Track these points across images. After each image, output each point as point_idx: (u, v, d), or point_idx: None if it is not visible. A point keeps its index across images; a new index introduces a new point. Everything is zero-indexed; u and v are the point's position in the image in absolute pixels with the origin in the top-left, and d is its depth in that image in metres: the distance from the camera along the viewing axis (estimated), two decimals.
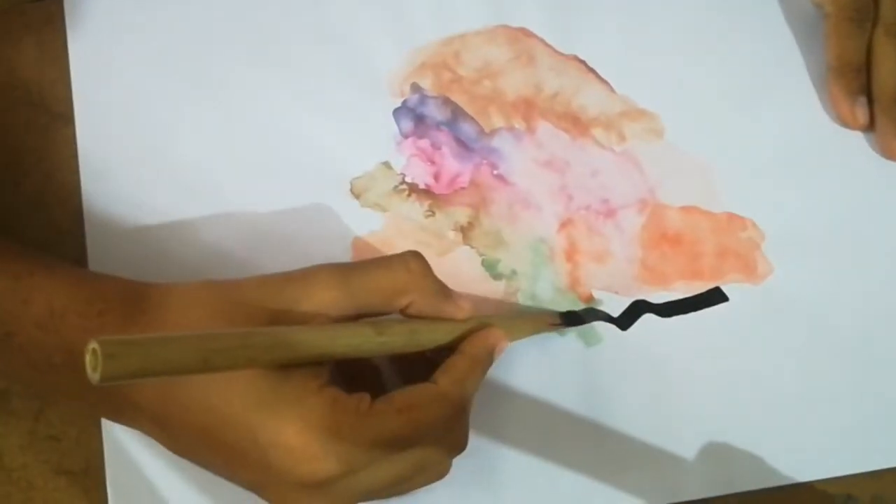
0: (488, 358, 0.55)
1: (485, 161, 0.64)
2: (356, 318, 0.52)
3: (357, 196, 0.63)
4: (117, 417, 0.54)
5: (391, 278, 0.52)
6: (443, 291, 0.54)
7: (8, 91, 0.64)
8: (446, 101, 0.65)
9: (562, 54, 0.67)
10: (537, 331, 0.60)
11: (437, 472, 0.53)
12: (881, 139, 0.66)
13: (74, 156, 0.62)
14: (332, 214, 0.62)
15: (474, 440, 0.58)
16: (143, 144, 0.63)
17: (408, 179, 0.64)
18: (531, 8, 0.68)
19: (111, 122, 0.63)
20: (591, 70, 0.67)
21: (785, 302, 0.63)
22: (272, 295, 0.50)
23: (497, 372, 0.60)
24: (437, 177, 0.64)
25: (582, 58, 0.67)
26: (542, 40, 0.67)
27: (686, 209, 0.64)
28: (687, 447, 0.60)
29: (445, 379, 0.52)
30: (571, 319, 0.61)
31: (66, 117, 0.63)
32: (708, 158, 0.65)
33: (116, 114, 0.63)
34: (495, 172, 0.64)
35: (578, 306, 0.62)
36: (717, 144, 0.66)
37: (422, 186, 0.64)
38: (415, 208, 0.63)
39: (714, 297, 0.63)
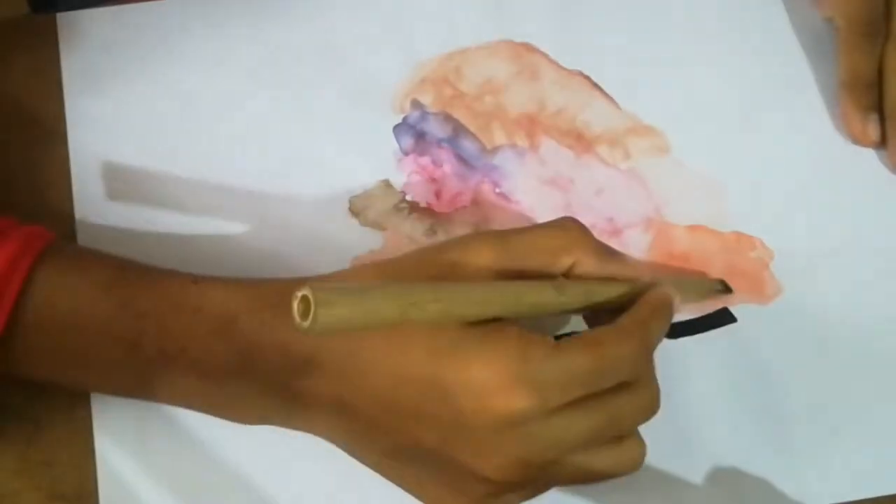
0: (668, 309, 0.53)
1: (487, 179, 0.64)
2: (517, 277, 0.51)
3: (356, 214, 0.62)
4: (289, 417, 0.54)
5: (551, 238, 0.52)
6: (607, 250, 0.53)
7: (0, 107, 0.63)
8: (447, 118, 0.65)
9: (566, 69, 0.66)
10: (704, 296, 0.61)
11: (630, 457, 0.52)
12: (893, 156, 0.65)
13: (67, 173, 0.62)
14: (330, 233, 0.62)
15: None
16: (137, 162, 0.62)
17: (408, 197, 0.63)
18: (535, 22, 0.67)
19: (104, 138, 0.63)
20: (596, 86, 0.66)
21: (794, 323, 0.62)
22: (432, 261, 0.50)
23: None
24: (438, 195, 0.63)
25: (586, 73, 0.67)
26: (545, 55, 0.67)
27: (693, 228, 0.63)
28: (695, 470, 0.59)
29: (630, 319, 0.51)
30: (728, 287, 0.62)
31: (58, 134, 0.63)
32: (715, 176, 0.65)
33: (110, 130, 0.63)
34: (497, 190, 0.64)
35: (582, 326, 0.61)
36: (724, 161, 0.65)
37: (423, 205, 0.63)
38: (415, 227, 0.62)
39: (722, 317, 0.62)
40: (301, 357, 0.50)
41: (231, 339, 0.50)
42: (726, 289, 0.61)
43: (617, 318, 0.51)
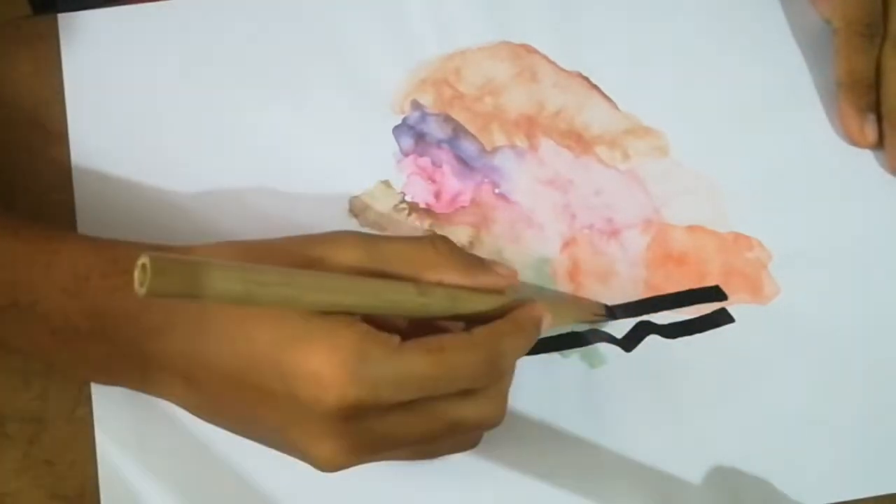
0: (533, 328, 0.53)
1: (486, 179, 0.64)
2: None
3: (356, 215, 0.62)
4: (142, 382, 0.54)
5: (419, 251, 0.51)
6: (478, 264, 0.53)
7: (2, 109, 0.63)
8: (447, 119, 0.65)
9: (565, 71, 0.66)
10: (580, 319, 0.60)
11: (467, 439, 0.53)
12: (890, 157, 0.65)
13: (69, 175, 0.62)
14: None
15: (475, 462, 0.57)
16: (138, 163, 0.62)
17: (408, 198, 0.63)
18: (534, 24, 0.67)
19: (106, 140, 0.63)
20: (595, 87, 0.66)
21: (792, 323, 0.62)
22: (297, 252, 0.50)
23: None
24: (437, 195, 0.63)
25: (585, 74, 0.66)
26: (545, 57, 0.67)
27: (691, 228, 0.63)
28: (693, 470, 0.59)
29: (483, 330, 0.51)
30: (613, 313, 0.61)
31: (60, 135, 0.63)
32: (714, 177, 0.65)
33: (112, 132, 0.63)
34: (497, 191, 0.64)
35: (581, 327, 0.61)
36: (723, 162, 0.65)
37: (422, 205, 0.63)
38: (415, 227, 0.63)
39: (720, 318, 0.62)
40: (152, 325, 0.50)
41: (82, 299, 0.50)
42: (609, 314, 0.61)
43: None
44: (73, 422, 0.58)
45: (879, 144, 0.66)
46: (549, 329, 0.54)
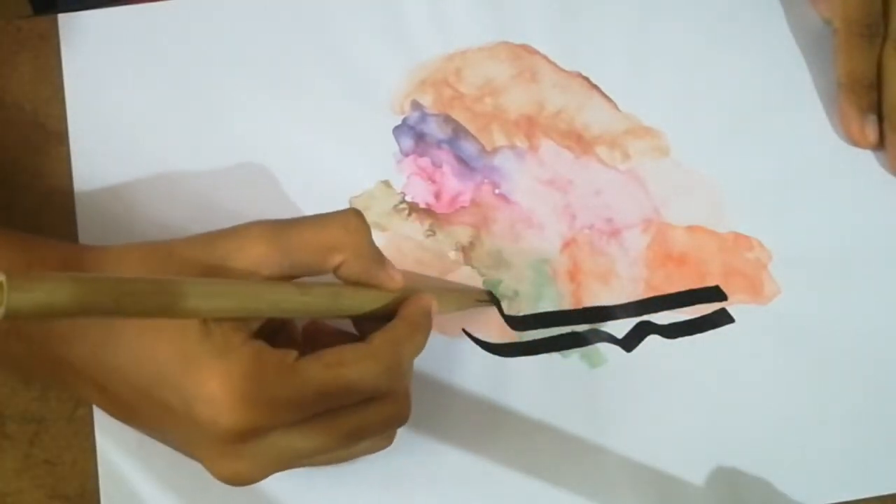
0: (426, 321, 0.53)
1: (486, 180, 0.64)
2: (289, 278, 0.51)
3: None
4: (62, 384, 0.54)
5: (325, 234, 0.51)
6: (377, 257, 0.53)
7: (2, 109, 0.63)
8: (447, 119, 0.65)
9: (565, 71, 0.66)
10: (465, 306, 0.60)
11: (376, 443, 0.53)
12: (891, 157, 0.65)
13: (69, 174, 0.62)
14: None
15: (478, 465, 0.57)
16: (138, 163, 0.62)
17: (408, 198, 0.63)
18: (534, 24, 0.67)
19: (106, 140, 0.63)
20: (595, 87, 0.66)
21: (792, 323, 0.62)
22: (202, 251, 0.50)
23: (500, 395, 0.59)
24: (437, 196, 0.63)
25: (585, 74, 0.66)
26: (545, 57, 0.66)
27: (691, 229, 0.63)
28: (693, 470, 0.59)
29: (379, 338, 0.51)
30: (495, 298, 0.61)
31: (60, 135, 0.63)
32: (714, 177, 0.65)
33: (112, 132, 0.63)
34: (497, 191, 0.64)
35: (582, 327, 0.61)
36: (723, 163, 0.65)
37: (422, 205, 0.63)
38: (415, 228, 0.62)
39: (719, 318, 0.62)
40: (62, 332, 0.50)
41: None
42: (493, 300, 0.61)
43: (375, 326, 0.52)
44: (74, 422, 0.58)
45: (880, 145, 0.65)
46: (433, 316, 0.54)
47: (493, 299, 0.61)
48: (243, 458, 0.48)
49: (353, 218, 0.52)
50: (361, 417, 0.50)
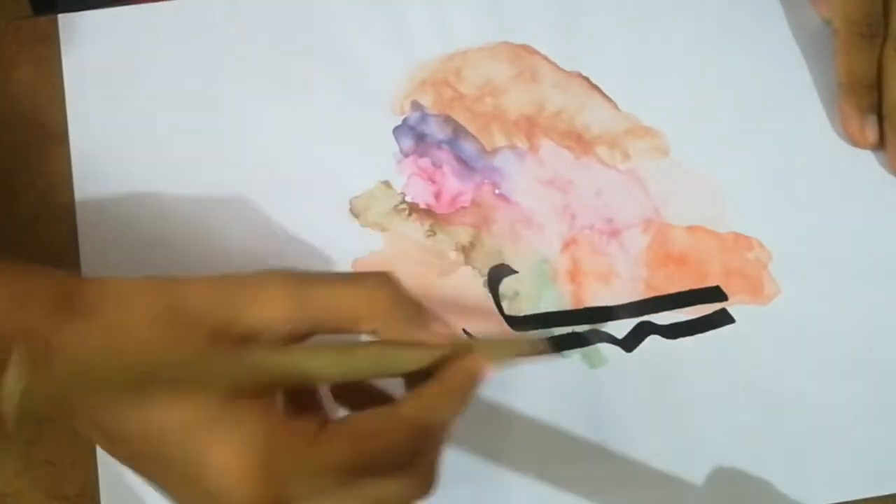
0: (469, 385, 0.48)
1: (486, 180, 0.64)
2: (308, 336, 0.47)
3: (356, 215, 0.62)
4: (71, 423, 0.51)
5: (353, 301, 0.47)
6: (415, 319, 0.48)
7: (2, 109, 0.63)
8: (447, 120, 0.65)
9: (565, 71, 0.66)
10: (520, 354, 0.55)
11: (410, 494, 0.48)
12: (891, 157, 0.65)
13: (69, 175, 0.62)
14: (331, 234, 0.62)
15: (478, 465, 0.57)
16: (138, 163, 0.62)
17: (408, 199, 0.63)
18: (534, 24, 0.67)
19: (106, 141, 0.63)
20: (595, 87, 0.66)
21: (793, 323, 0.62)
22: (218, 301, 0.46)
23: (500, 395, 0.59)
24: (437, 196, 0.63)
25: (585, 74, 0.66)
26: (545, 57, 0.66)
27: (692, 229, 0.63)
28: (694, 470, 0.59)
29: (411, 403, 0.47)
30: (559, 344, 0.60)
31: (60, 136, 0.63)
32: (714, 177, 0.65)
33: (112, 133, 0.63)
34: (497, 191, 0.63)
35: (582, 328, 0.61)
36: (723, 163, 0.65)
37: (422, 206, 0.63)
38: (415, 228, 0.62)
39: (720, 318, 0.62)
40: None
41: None
42: (551, 348, 0.60)
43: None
44: None
45: (880, 145, 0.65)
46: (486, 379, 0.49)
47: (554, 347, 0.60)
48: None
49: (382, 286, 0.48)
50: (383, 489, 0.46)
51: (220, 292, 0.47)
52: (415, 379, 0.48)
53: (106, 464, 0.57)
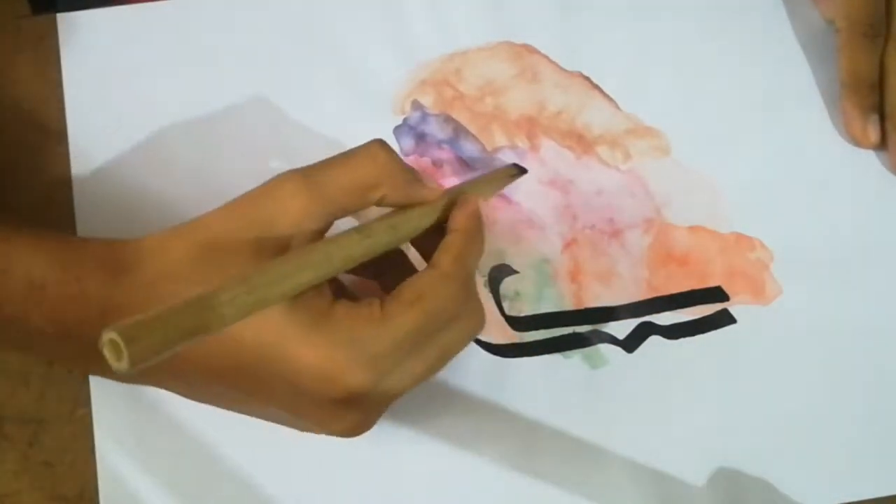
0: (479, 224, 0.54)
1: None
2: (331, 221, 0.51)
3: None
4: (127, 378, 0.54)
5: (359, 174, 0.50)
6: (413, 177, 0.53)
7: (1, 108, 0.63)
8: (448, 119, 0.64)
9: (566, 71, 0.66)
10: (501, 186, 0.61)
11: (462, 345, 0.53)
12: (893, 157, 0.65)
13: (68, 174, 0.62)
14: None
15: (478, 465, 0.57)
16: (138, 163, 0.62)
17: None
18: (535, 24, 0.67)
19: (106, 140, 0.63)
20: (596, 87, 0.66)
21: (794, 324, 0.62)
22: (245, 224, 0.49)
23: (501, 396, 0.59)
24: None
25: (587, 74, 0.66)
26: (545, 57, 0.66)
27: (693, 229, 0.63)
28: (694, 471, 0.59)
29: (446, 259, 0.51)
30: (522, 168, 0.62)
31: (59, 135, 0.62)
32: (715, 177, 0.65)
33: (112, 132, 0.63)
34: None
35: (583, 328, 0.61)
36: (724, 163, 0.65)
37: None
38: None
39: (721, 319, 0.62)
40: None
41: (42, 306, 0.50)
42: (520, 171, 0.61)
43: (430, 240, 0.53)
44: (73, 422, 0.57)
45: (882, 145, 0.65)
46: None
47: (520, 170, 0.61)
48: (359, 411, 0.49)
49: (379, 150, 0.52)
50: (449, 337, 0.51)
51: (244, 213, 0.50)
52: (424, 239, 0.54)
53: (105, 465, 0.57)
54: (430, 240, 0.53)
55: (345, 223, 0.51)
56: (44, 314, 0.50)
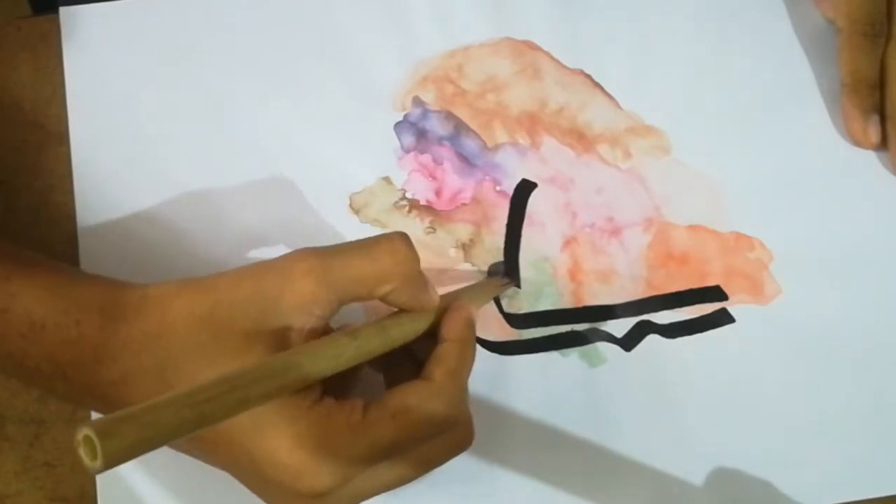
0: (471, 334, 0.53)
1: (487, 177, 0.63)
2: (337, 308, 0.50)
3: (356, 211, 0.62)
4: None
5: (374, 266, 0.49)
6: (422, 281, 0.51)
7: (2, 109, 0.63)
8: (449, 116, 0.64)
9: (568, 68, 0.66)
10: (493, 295, 0.61)
11: (444, 460, 0.52)
12: (894, 157, 0.65)
13: (69, 174, 0.62)
14: (330, 230, 0.62)
15: (476, 464, 0.57)
16: (138, 162, 0.62)
17: (408, 195, 0.63)
18: (537, 20, 0.67)
19: (106, 140, 0.63)
20: (598, 85, 0.66)
21: (793, 324, 0.62)
22: (250, 294, 0.48)
23: (499, 393, 0.59)
24: (438, 193, 0.63)
25: (588, 72, 0.66)
26: (547, 54, 0.66)
27: (693, 228, 0.63)
28: (693, 470, 0.59)
29: (440, 371, 0.50)
30: (511, 273, 0.62)
31: (60, 136, 0.63)
32: (715, 176, 0.65)
33: (112, 132, 0.63)
34: (498, 188, 0.63)
35: (581, 327, 0.61)
36: (724, 162, 0.65)
37: (423, 202, 0.63)
38: (415, 224, 0.62)
39: (720, 318, 0.62)
40: (111, 378, 0.49)
41: (41, 345, 0.50)
42: (511, 281, 0.61)
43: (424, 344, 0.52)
44: (73, 424, 0.58)
45: (883, 145, 0.65)
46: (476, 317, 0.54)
47: (514, 280, 0.62)
48: None
49: (401, 245, 0.50)
50: (431, 451, 0.50)
51: (250, 286, 0.49)
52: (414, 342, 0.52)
53: None
54: (420, 343, 0.52)
55: None
56: (42, 353, 0.50)
